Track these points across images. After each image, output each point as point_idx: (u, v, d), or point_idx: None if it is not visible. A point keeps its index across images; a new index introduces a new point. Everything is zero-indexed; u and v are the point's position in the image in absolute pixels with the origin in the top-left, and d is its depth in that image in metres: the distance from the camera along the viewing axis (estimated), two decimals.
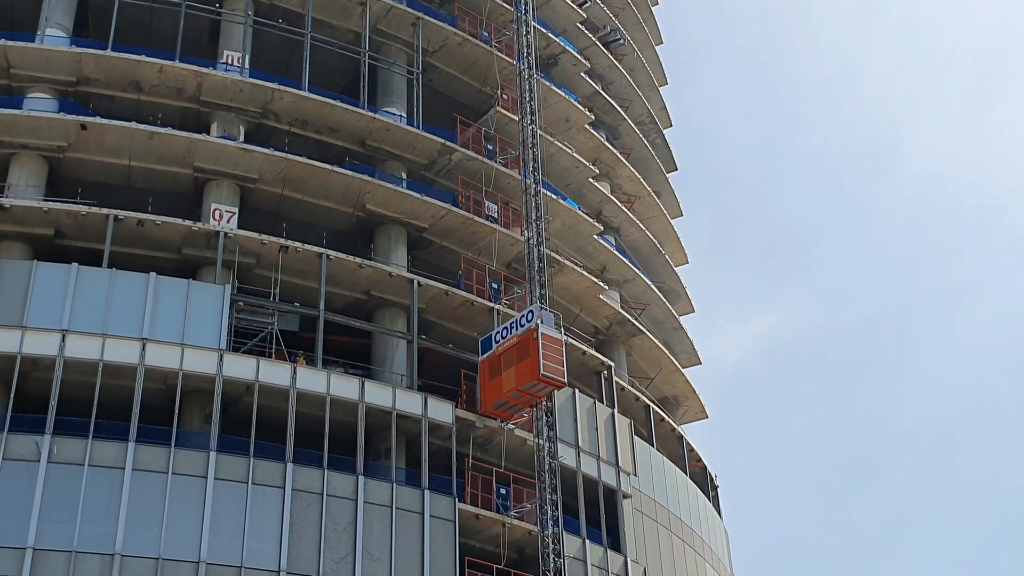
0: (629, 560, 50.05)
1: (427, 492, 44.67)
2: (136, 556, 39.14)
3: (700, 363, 68.80)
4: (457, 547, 44.31)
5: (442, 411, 46.57)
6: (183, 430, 42.36)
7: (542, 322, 45.86)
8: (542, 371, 44.83)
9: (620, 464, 51.92)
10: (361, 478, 43.49)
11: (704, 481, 62.02)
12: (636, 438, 54.05)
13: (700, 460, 62.76)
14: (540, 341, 45.15)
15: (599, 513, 49.80)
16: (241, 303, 45.07)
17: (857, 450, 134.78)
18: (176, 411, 41.83)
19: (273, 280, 46.33)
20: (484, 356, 47.48)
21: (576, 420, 50.76)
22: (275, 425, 43.03)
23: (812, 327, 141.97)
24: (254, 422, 42.44)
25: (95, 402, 40.79)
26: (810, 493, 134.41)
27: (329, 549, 41.76)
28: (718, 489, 64.05)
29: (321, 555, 41.52)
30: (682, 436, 60.88)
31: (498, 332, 47.44)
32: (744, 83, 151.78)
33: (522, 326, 46.31)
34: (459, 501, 45.34)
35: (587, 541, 48.44)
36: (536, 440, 46.42)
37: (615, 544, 50.19)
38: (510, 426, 47.89)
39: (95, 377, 41.44)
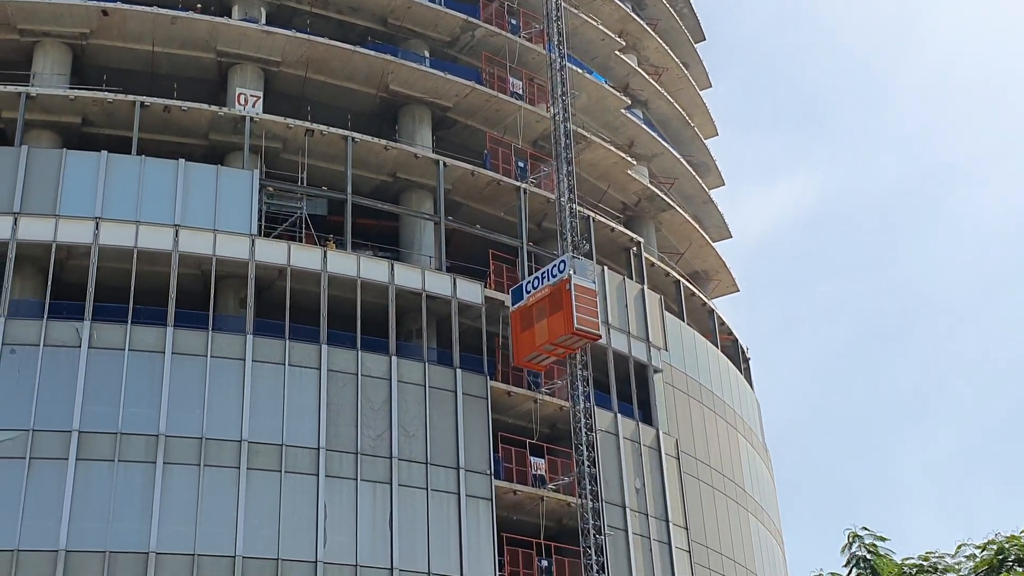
0: (661, 433, 50.90)
1: (459, 371, 45.40)
2: (179, 437, 40.21)
3: (730, 236, 68.80)
4: (490, 423, 45.19)
5: (471, 291, 47.02)
6: (219, 314, 43.11)
7: (575, 272, 44.81)
8: (576, 325, 43.75)
9: (651, 339, 52.43)
10: (394, 358, 44.23)
11: (735, 354, 62.56)
12: (666, 313, 54.42)
13: (731, 333, 63.19)
14: (573, 293, 44.17)
15: (630, 388, 50.50)
16: (270, 188, 45.31)
17: (885, 316, 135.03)
18: (211, 296, 42.50)
19: (300, 165, 46.47)
20: (515, 307, 46.19)
21: (606, 297, 51.10)
22: (308, 308, 43.67)
23: (839, 194, 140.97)
24: (288, 306, 43.08)
25: (132, 288, 41.46)
26: (839, 361, 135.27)
27: (366, 427, 42.74)
28: (749, 361, 64.65)
29: (358, 432, 42.50)
30: (713, 310, 61.22)
31: (529, 282, 46.18)
32: None
33: (554, 276, 45.05)
34: (491, 379, 46.09)
35: (619, 415, 49.23)
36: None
37: (646, 417, 50.99)
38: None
39: (130, 264, 42.03)
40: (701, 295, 60.72)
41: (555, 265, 45.33)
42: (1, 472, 38.31)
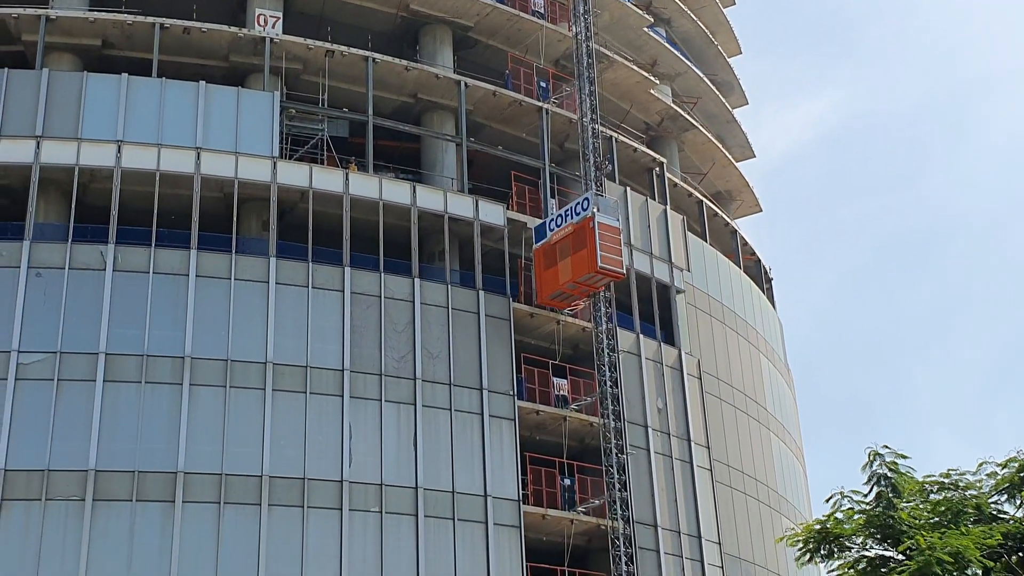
0: (683, 353, 51.06)
1: (481, 292, 45.54)
2: (205, 358, 40.61)
3: (754, 156, 68.30)
4: (513, 345, 45.41)
5: (493, 213, 46.96)
6: (242, 237, 43.26)
7: (598, 210, 44.43)
8: (600, 263, 43.59)
9: (673, 260, 52.36)
10: (417, 280, 44.37)
11: (758, 274, 62.46)
12: (689, 234, 54.28)
13: (753, 253, 63.05)
14: (597, 231, 43.95)
15: (653, 309, 50.57)
16: (292, 110, 45.15)
17: (908, 236, 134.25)
18: (234, 219, 42.62)
19: (321, 86, 46.23)
20: (538, 244, 46.06)
21: (628, 218, 50.95)
22: (331, 230, 43.75)
23: (863, 113, 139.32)
24: (310, 228, 43.17)
25: (155, 211, 41.61)
26: (861, 280, 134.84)
27: (390, 348, 43.03)
28: (772, 281, 64.56)
29: (382, 354, 42.80)
30: (735, 230, 61.01)
31: (552, 220, 45.95)
32: None
33: (577, 214, 44.74)
34: (513, 300, 46.22)
35: (641, 336, 49.38)
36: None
37: (669, 338, 51.12)
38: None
39: (153, 187, 42.12)
40: (724, 215, 60.48)
41: (578, 203, 45.08)
42: (30, 394, 38.86)
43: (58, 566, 36.94)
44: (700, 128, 60.11)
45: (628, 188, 51.82)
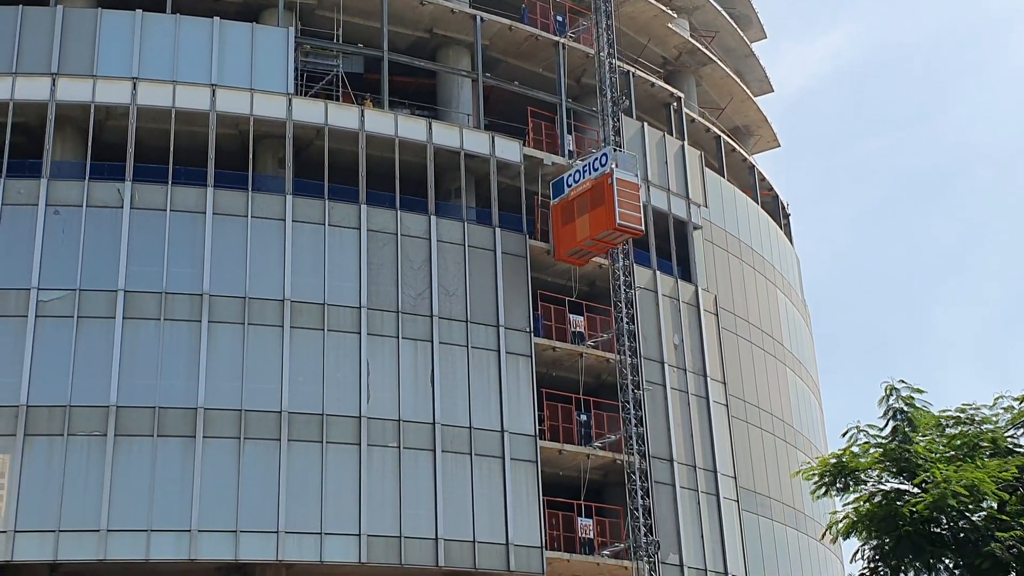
0: (700, 289, 51.05)
1: (498, 230, 45.51)
2: (223, 296, 40.81)
3: (772, 91, 67.72)
4: (529, 282, 45.46)
5: (509, 150, 46.78)
6: (258, 174, 43.25)
7: (617, 165, 44.03)
8: (618, 220, 43.25)
9: (690, 196, 52.18)
10: (433, 218, 44.35)
11: (775, 210, 62.25)
12: (706, 170, 54.02)
13: (771, 189, 62.79)
14: (615, 188, 43.59)
15: (669, 245, 50.50)
16: (307, 46, 44.89)
17: (927, 171, 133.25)
18: (250, 156, 42.59)
19: (335, 22, 45.89)
20: (556, 200, 45.75)
21: (646, 153, 50.71)
22: (347, 168, 43.70)
23: (882, 46, 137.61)
24: (326, 165, 43.12)
25: (171, 149, 41.60)
26: (879, 216, 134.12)
27: (406, 286, 43.15)
28: (789, 217, 64.35)
29: (399, 292, 42.95)
30: (753, 166, 60.70)
31: (570, 175, 45.55)
32: None
33: (596, 170, 44.36)
34: (529, 238, 46.19)
35: (658, 272, 49.36)
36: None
37: (685, 274, 51.09)
38: (579, 163, 47.99)
39: (168, 124, 42.07)
40: (742, 150, 60.14)
41: (596, 158, 44.76)
42: (51, 330, 39.19)
43: (81, 500, 37.48)
44: (718, 62, 59.57)
45: (645, 123, 51.51)
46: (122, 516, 37.54)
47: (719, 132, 58.00)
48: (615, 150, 44.74)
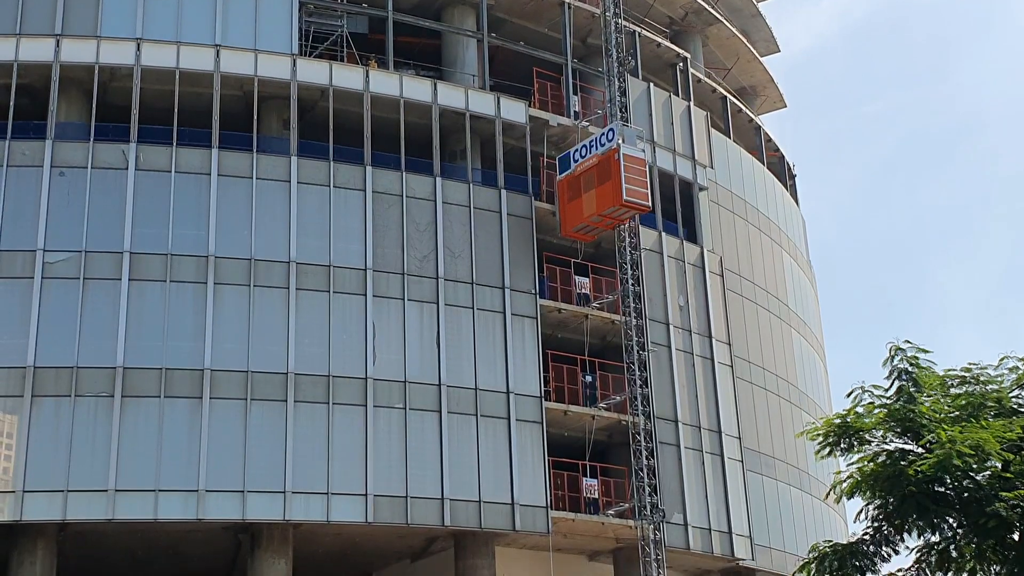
0: (705, 250, 51.00)
1: (503, 191, 45.43)
2: (228, 258, 40.83)
3: (778, 51, 67.29)
4: (535, 243, 45.43)
5: (515, 111, 46.60)
6: (263, 136, 43.16)
7: (624, 141, 43.75)
8: (625, 196, 43.07)
9: (696, 157, 52.02)
10: (438, 179, 44.27)
11: (781, 171, 62.06)
12: (712, 130, 53.82)
13: (777, 150, 62.59)
14: (622, 163, 43.33)
15: (675, 206, 50.41)
16: (310, 6, 44.66)
17: (933, 132, 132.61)
18: (255, 118, 42.47)
19: None
20: (563, 175, 45.58)
21: (651, 114, 50.52)
22: (351, 129, 43.58)
23: (888, 6, 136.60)
24: (331, 127, 43.00)
25: (175, 110, 41.50)
26: (885, 177, 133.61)
27: (412, 248, 43.14)
28: (795, 178, 64.16)
29: (404, 254, 42.94)
30: (759, 126, 60.46)
31: (577, 150, 45.28)
32: None
33: (602, 145, 44.10)
34: (535, 199, 46.11)
35: (663, 233, 49.29)
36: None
37: (691, 235, 51.03)
38: (584, 124, 47.85)
39: (172, 85, 41.94)
40: (748, 111, 59.89)
41: (603, 134, 44.52)
42: (57, 292, 39.27)
43: (88, 460, 37.70)
44: (724, 22, 59.20)
45: (651, 84, 51.27)
46: (130, 476, 37.77)
47: (725, 93, 57.72)
48: (622, 125, 44.49)
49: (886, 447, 22.10)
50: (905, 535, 21.90)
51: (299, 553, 40.78)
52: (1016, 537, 20.90)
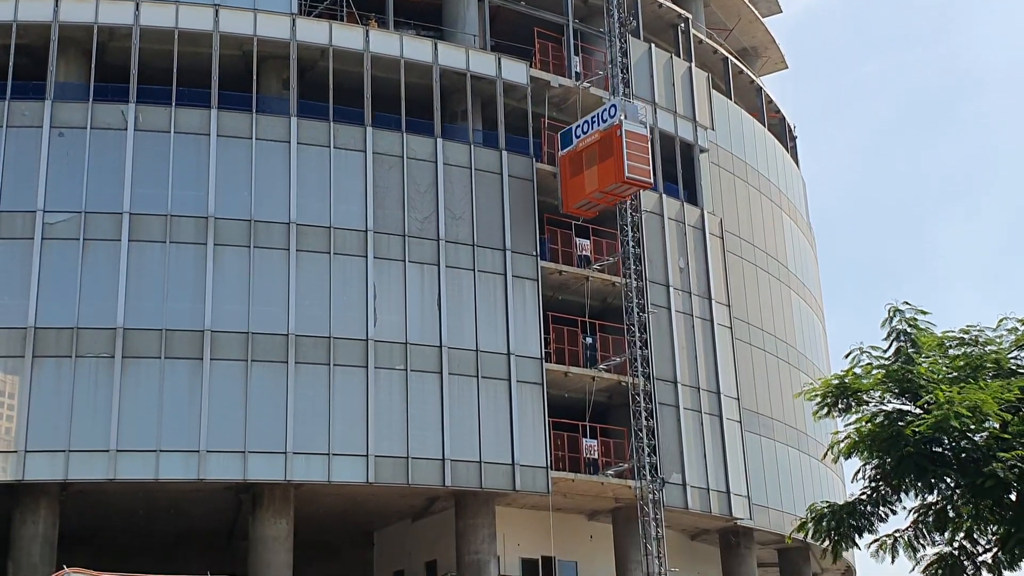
0: (705, 212, 50.97)
1: (504, 152, 45.32)
2: (229, 218, 40.81)
3: (780, 11, 66.91)
4: (536, 205, 45.36)
5: (516, 71, 46.40)
6: (262, 96, 43.00)
7: (626, 117, 43.43)
8: (627, 173, 42.83)
9: (697, 119, 51.86)
10: (439, 140, 44.16)
11: (782, 132, 61.89)
12: (713, 92, 53.62)
13: (778, 111, 62.37)
14: (624, 140, 43.01)
15: (676, 168, 50.31)
16: None
17: (934, 93, 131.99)
18: (254, 78, 42.30)
19: None
20: (565, 151, 45.29)
21: (653, 75, 50.33)
22: (352, 89, 43.41)
23: None
24: (331, 87, 42.84)
25: (174, 70, 41.33)
26: (886, 139, 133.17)
27: (412, 209, 43.09)
28: (796, 140, 63.98)
29: (405, 215, 42.89)
30: (760, 88, 60.22)
31: (579, 126, 45.05)
32: None
33: (604, 121, 43.80)
34: (536, 161, 46.00)
35: (664, 196, 49.23)
36: (612, 98, 46.12)
37: (691, 197, 50.97)
38: (585, 85, 47.67)
39: (171, 45, 41.74)
40: (749, 72, 59.62)
41: (606, 109, 44.22)
42: (57, 252, 39.28)
43: (90, 421, 37.85)
44: None
45: (652, 45, 51.03)
46: (131, 437, 37.93)
47: (727, 54, 57.44)
48: (625, 100, 44.25)
49: (884, 408, 22.13)
50: (902, 495, 21.99)
51: (300, 513, 41.03)
52: (1013, 497, 20.98)
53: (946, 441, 21.21)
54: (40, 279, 38.81)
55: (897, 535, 22.10)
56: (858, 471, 22.47)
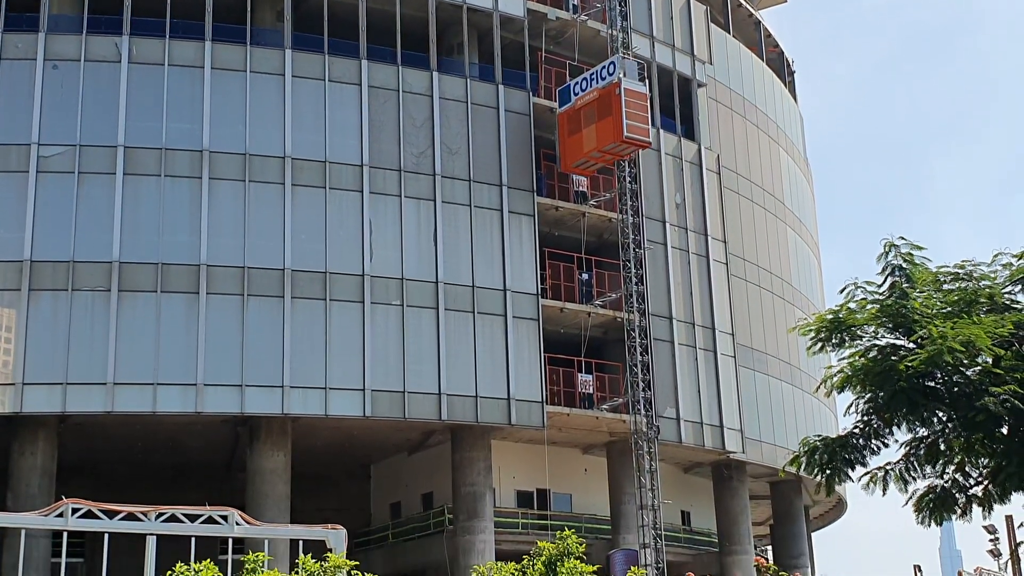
0: (703, 147, 50.79)
1: (501, 87, 45.02)
2: (224, 152, 40.63)
3: None
4: (532, 140, 45.17)
5: (513, 3, 45.95)
6: (257, 28, 42.60)
7: (624, 75, 42.79)
8: (626, 132, 42.33)
9: (695, 53, 51.48)
10: (435, 74, 43.84)
11: (780, 67, 61.49)
12: (712, 25, 53.17)
13: (777, 46, 61.92)
14: (623, 98, 42.42)
15: (673, 103, 50.04)
16: None
17: (934, 27, 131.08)
18: (248, 9, 41.87)
19: None
20: (563, 109, 44.72)
21: (651, 9, 49.88)
22: (347, 21, 43.00)
23: None
24: (326, 19, 42.43)
25: (168, 2, 40.86)
26: (884, 74, 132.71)
27: (408, 144, 42.90)
28: (794, 74, 63.60)
29: (401, 150, 42.71)
30: (759, 22, 59.72)
31: (576, 83, 44.33)
32: None
33: (603, 79, 43.17)
34: (533, 95, 45.73)
35: (661, 131, 49.01)
36: (609, 31, 45.82)
37: (689, 133, 50.76)
38: (583, 18, 47.25)
39: None
40: (748, 6, 59.10)
41: (604, 67, 43.64)
42: (52, 186, 39.15)
43: (87, 354, 37.98)
44: None
45: None
46: (128, 370, 38.09)
47: None
48: (623, 58, 43.73)
49: (877, 342, 22.19)
50: (895, 429, 22.13)
51: (297, 446, 41.35)
52: (1005, 431, 21.14)
53: (939, 376, 21.30)
54: (36, 212, 38.73)
55: (888, 468, 22.27)
56: (851, 405, 22.59)
